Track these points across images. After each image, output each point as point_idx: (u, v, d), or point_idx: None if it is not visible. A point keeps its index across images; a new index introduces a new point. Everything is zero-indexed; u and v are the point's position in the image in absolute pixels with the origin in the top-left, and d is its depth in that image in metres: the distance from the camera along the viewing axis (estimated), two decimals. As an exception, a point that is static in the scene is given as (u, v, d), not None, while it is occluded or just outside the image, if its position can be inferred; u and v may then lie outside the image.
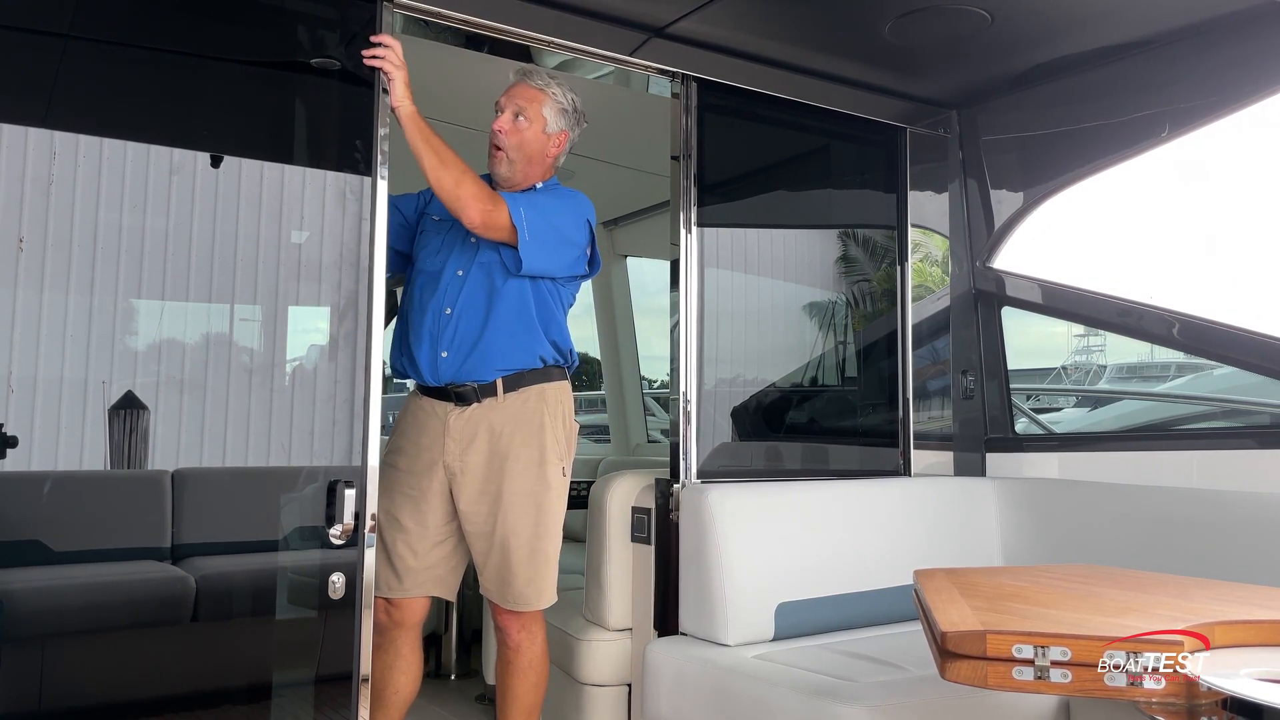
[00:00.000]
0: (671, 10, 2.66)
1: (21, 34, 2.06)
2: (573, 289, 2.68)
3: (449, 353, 2.51)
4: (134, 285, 2.11)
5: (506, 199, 2.46)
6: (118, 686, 2.14)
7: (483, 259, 2.53)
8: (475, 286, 2.53)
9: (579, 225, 2.59)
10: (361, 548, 2.23)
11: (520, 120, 2.56)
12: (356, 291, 2.29)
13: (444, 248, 2.59)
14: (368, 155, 2.32)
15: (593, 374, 7.04)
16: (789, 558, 2.71)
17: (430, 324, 2.53)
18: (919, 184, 3.42)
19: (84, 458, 2.09)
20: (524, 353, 2.54)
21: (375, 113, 2.33)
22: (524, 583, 2.49)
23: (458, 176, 2.38)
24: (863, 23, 2.75)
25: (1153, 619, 1.52)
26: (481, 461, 2.49)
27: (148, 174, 2.13)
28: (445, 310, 2.52)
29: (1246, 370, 2.80)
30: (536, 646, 2.56)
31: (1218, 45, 2.71)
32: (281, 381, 2.28)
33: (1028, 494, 3.06)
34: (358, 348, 2.28)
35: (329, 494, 2.20)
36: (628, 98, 3.57)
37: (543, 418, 2.54)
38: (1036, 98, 3.16)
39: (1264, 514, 2.47)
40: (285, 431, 2.28)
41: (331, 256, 2.31)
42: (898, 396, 3.35)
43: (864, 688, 2.17)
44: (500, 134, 2.55)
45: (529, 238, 2.45)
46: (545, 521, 2.52)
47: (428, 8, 2.55)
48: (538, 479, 2.51)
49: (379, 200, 2.30)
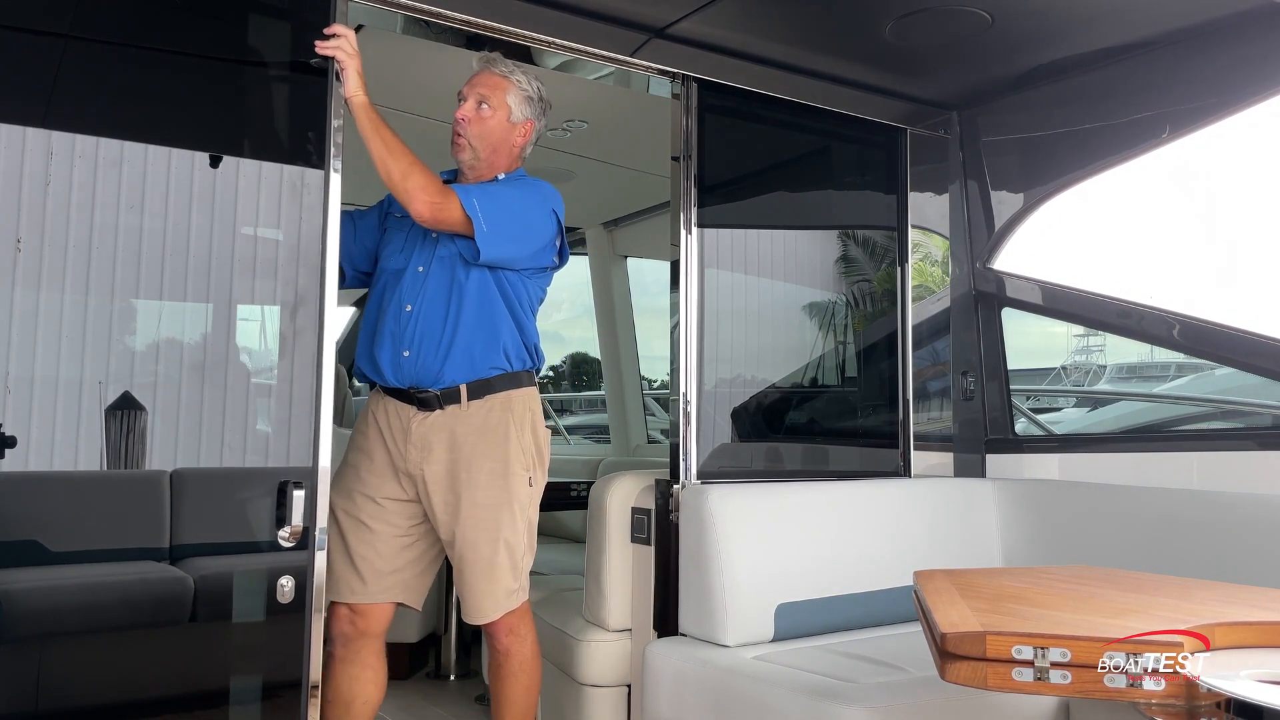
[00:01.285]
0: (672, 11, 2.66)
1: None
2: (541, 282, 2.61)
3: (411, 351, 2.44)
4: (81, 282, 2.05)
5: (458, 191, 2.41)
6: (70, 692, 2.07)
7: (442, 253, 2.48)
8: (437, 282, 2.47)
9: (543, 215, 2.53)
10: (312, 551, 2.17)
11: (484, 108, 2.51)
12: (309, 287, 2.23)
13: (406, 245, 2.54)
14: (321, 147, 2.26)
15: (593, 374, 7.04)
16: (789, 558, 2.71)
17: (391, 322, 2.48)
18: (919, 185, 3.42)
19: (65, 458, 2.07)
20: (490, 351, 2.47)
21: (329, 104, 2.27)
22: (480, 595, 2.45)
23: (405, 168, 2.33)
24: (863, 24, 2.75)
25: (1153, 620, 1.52)
26: (441, 471, 2.44)
27: (95, 169, 2.07)
28: (406, 307, 2.46)
29: (1247, 371, 2.80)
30: (526, 648, 2.54)
31: (1218, 46, 2.71)
32: (230, 380, 2.20)
33: (1027, 495, 3.06)
34: (310, 345, 2.22)
35: (279, 495, 2.15)
36: (628, 98, 3.57)
37: (508, 427, 2.47)
38: (1037, 99, 3.16)
39: (1264, 515, 2.47)
40: (237, 431, 2.21)
41: (284, 252, 2.25)
42: (898, 397, 3.35)
43: (864, 689, 2.17)
44: (463, 122, 2.51)
45: (487, 228, 2.39)
46: (507, 534, 2.45)
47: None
48: (501, 490, 2.44)
49: (332, 193, 2.25)
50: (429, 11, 2.56)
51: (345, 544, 2.49)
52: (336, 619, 2.52)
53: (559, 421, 7.41)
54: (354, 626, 2.50)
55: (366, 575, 2.47)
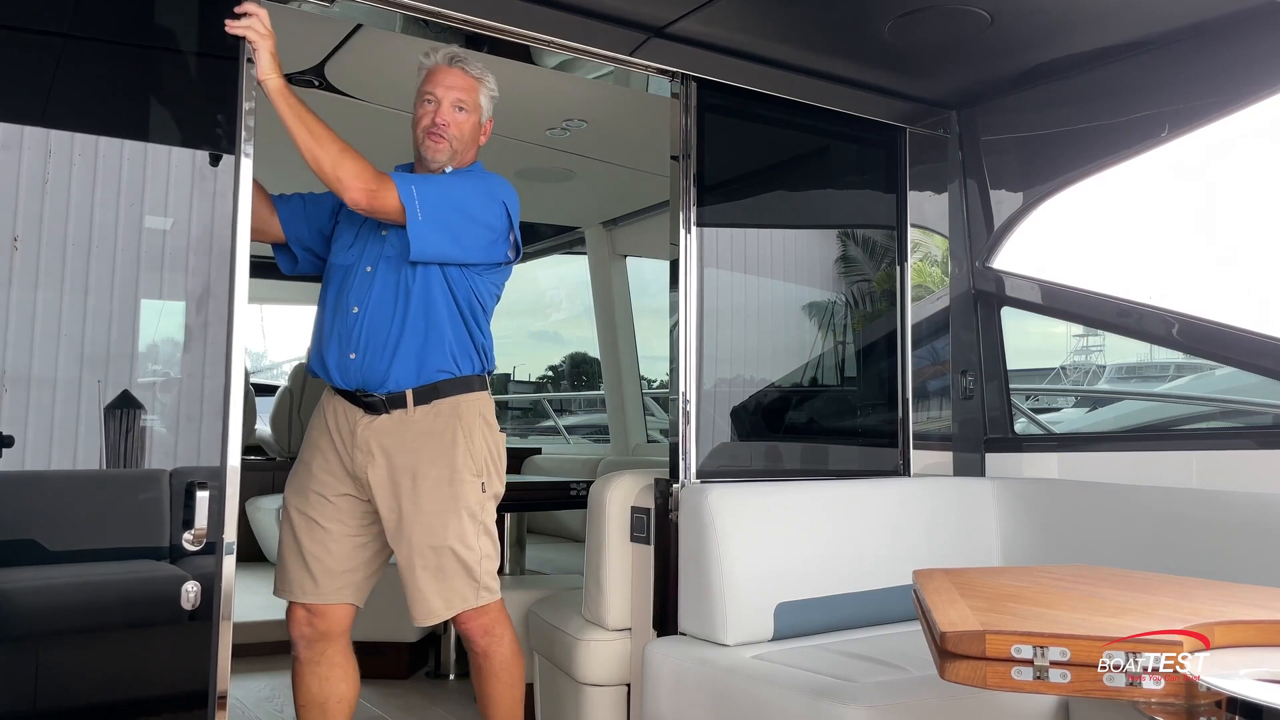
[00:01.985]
0: (671, 10, 2.66)
1: None
2: (495, 279, 2.55)
3: (357, 354, 2.40)
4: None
5: (395, 178, 2.34)
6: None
7: (390, 253, 2.42)
8: (384, 283, 2.42)
9: (490, 206, 2.46)
10: (219, 555, 2.08)
11: (461, 112, 2.49)
12: (218, 278, 2.13)
13: (357, 242, 2.48)
14: (231, 132, 2.15)
15: (592, 374, 7.04)
16: (788, 558, 2.71)
17: (339, 323, 2.44)
18: (919, 184, 3.42)
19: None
20: (438, 354, 2.43)
21: (240, 86, 2.17)
22: (430, 594, 2.42)
23: (335, 156, 2.25)
24: (863, 23, 2.75)
25: (1152, 619, 1.52)
26: (384, 475, 2.40)
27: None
28: (353, 309, 2.42)
29: (1247, 371, 2.80)
30: (505, 647, 2.52)
31: (1217, 45, 2.71)
32: (135, 377, 2.09)
33: (1027, 494, 3.06)
34: (219, 339, 2.12)
35: (186, 497, 2.05)
36: (627, 97, 3.57)
37: (455, 433, 2.42)
38: (1036, 98, 3.16)
39: (1264, 514, 2.47)
40: (139, 431, 2.10)
41: (190, 241, 2.13)
42: (897, 396, 3.36)
43: (863, 688, 2.17)
44: (444, 126, 2.46)
45: (422, 217, 2.32)
46: (456, 540, 2.42)
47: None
48: (448, 498, 2.41)
49: (243, 180, 2.15)
50: (428, 11, 2.56)
51: (298, 543, 2.47)
52: (295, 621, 2.51)
53: (559, 421, 7.41)
54: (313, 628, 2.48)
55: (318, 575, 2.45)
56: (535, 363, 8.48)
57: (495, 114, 3.95)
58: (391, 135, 2.56)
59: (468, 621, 2.50)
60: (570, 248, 6.20)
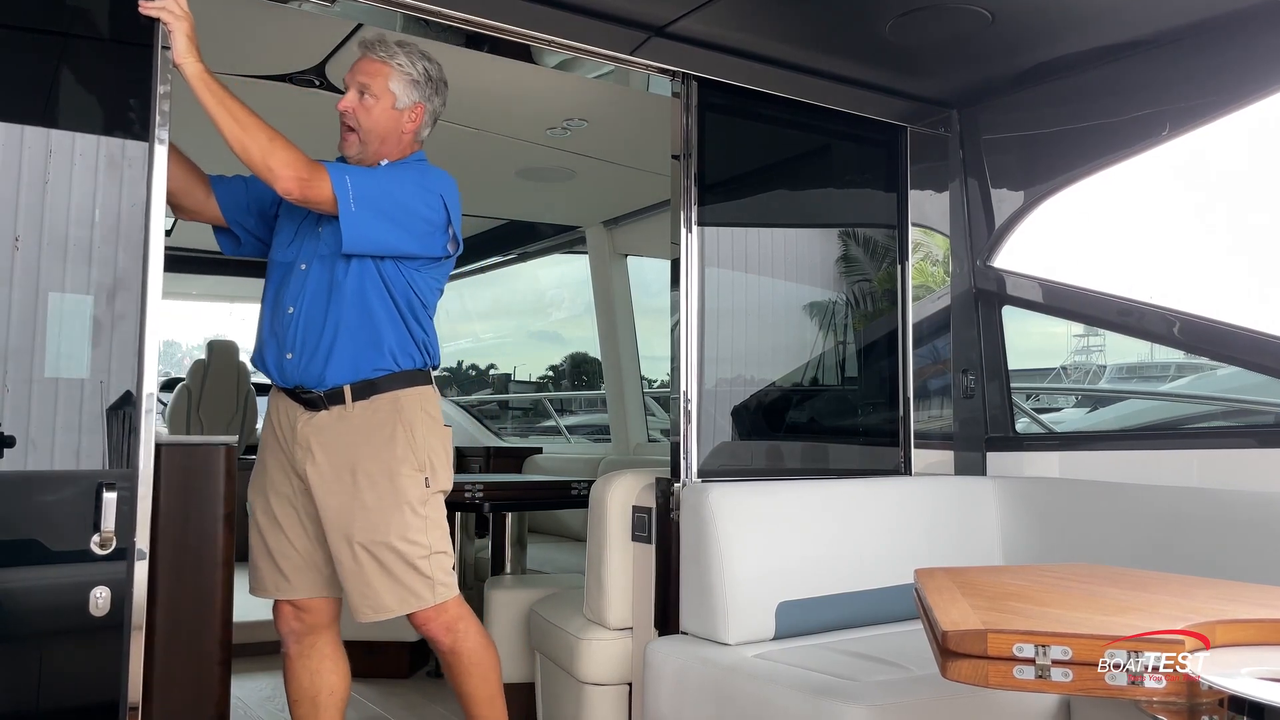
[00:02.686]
0: (672, 9, 2.66)
1: None
2: (435, 274, 2.48)
3: (293, 354, 2.37)
4: None
5: (329, 167, 2.27)
6: None
7: (323, 251, 2.37)
8: (316, 283, 2.36)
9: (427, 199, 2.38)
10: (131, 560, 2.00)
11: (366, 98, 2.39)
12: (130, 270, 2.05)
13: (296, 238, 2.43)
14: (144, 117, 2.07)
15: (593, 373, 7.04)
16: (790, 557, 2.71)
17: (277, 323, 2.40)
18: (919, 183, 3.42)
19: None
20: (375, 352, 2.37)
21: (154, 70, 2.08)
22: (380, 591, 2.36)
23: (265, 145, 2.16)
24: (863, 22, 2.75)
25: (1154, 618, 1.52)
26: (323, 472, 2.36)
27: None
28: (288, 309, 2.37)
29: (1249, 370, 2.79)
30: (471, 640, 2.47)
31: (1218, 45, 2.70)
32: (41, 373, 2.00)
33: (1028, 493, 3.06)
34: (129, 334, 2.04)
35: (96, 499, 1.97)
36: (628, 97, 3.57)
37: (395, 428, 2.37)
38: (1037, 97, 3.15)
39: (1265, 513, 2.47)
40: (45, 430, 2.01)
41: (100, 231, 2.05)
42: (898, 396, 3.35)
43: (865, 687, 2.17)
44: (347, 114, 2.39)
45: (355, 208, 2.25)
46: (398, 536, 2.36)
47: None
48: (389, 493, 2.35)
49: (156, 167, 2.07)
50: (429, 10, 2.56)
51: (264, 541, 2.47)
52: (282, 617, 2.52)
53: (560, 421, 7.41)
54: (301, 622, 2.48)
55: (289, 572, 2.45)
56: (536, 362, 8.48)
57: (496, 114, 3.96)
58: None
59: (428, 622, 2.43)
60: (570, 247, 6.21)
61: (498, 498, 3.97)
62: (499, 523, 4.15)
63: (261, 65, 3.40)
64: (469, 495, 3.88)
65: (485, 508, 3.93)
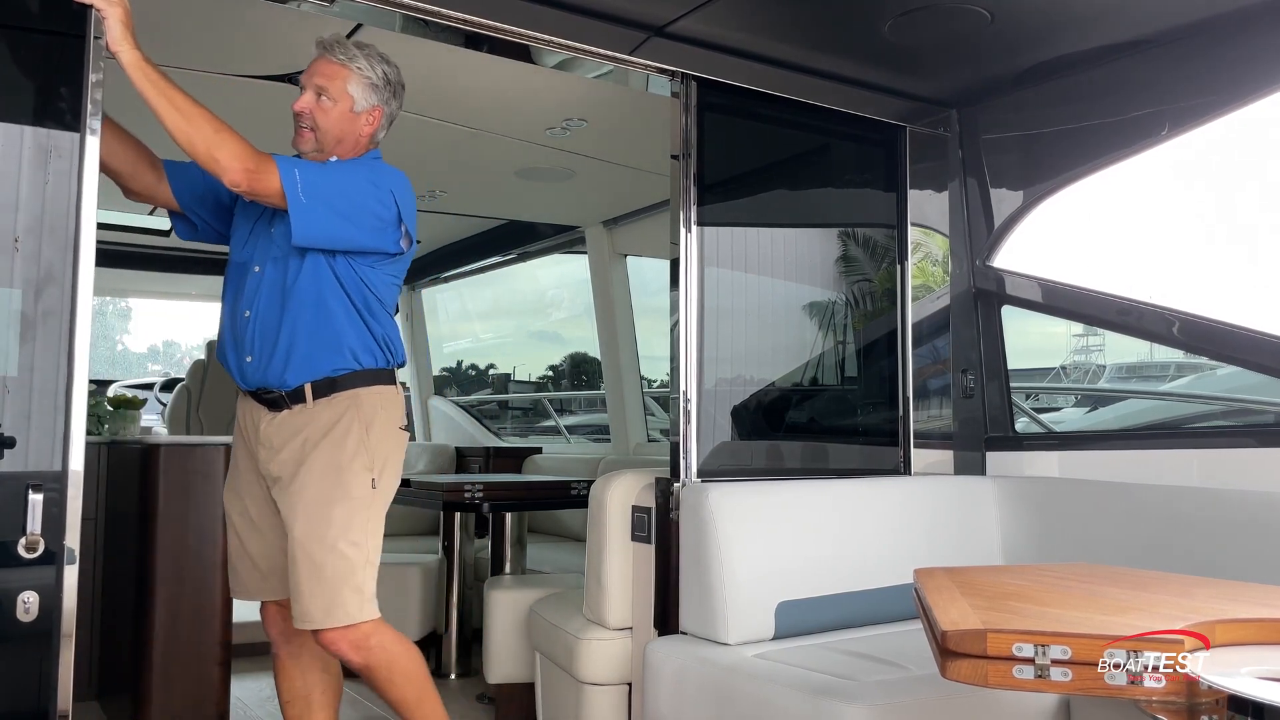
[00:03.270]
0: (671, 9, 2.66)
1: None
2: (390, 270, 2.43)
3: (253, 358, 2.34)
4: None
5: (278, 160, 2.21)
6: None
7: (276, 253, 2.33)
8: (270, 285, 2.33)
9: (379, 194, 2.34)
10: (60, 565, 1.93)
11: (324, 100, 2.35)
12: (58, 264, 1.98)
13: (250, 237, 2.39)
14: (76, 106, 2.00)
15: (593, 374, 7.04)
16: (789, 557, 2.71)
17: (235, 327, 2.37)
18: (919, 183, 3.42)
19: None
20: (333, 352, 2.34)
21: (86, 58, 2.01)
22: (307, 596, 2.27)
23: (211, 136, 2.10)
24: (862, 21, 2.75)
25: (1153, 618, 1.52)
26: (280, 469, 2.34)
27: None
28: (245, 313, 2.35)
29: (1249, 369, 2.79)
30: (387, 653, 2.36)
31: (1218, 44, 2.70)
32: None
33: (1028, 493, 3.06)
34: (57, 331, 1.97)
35: (24, 500, 1.91)
36: (627, 97, 3.57)
37: (351, 423, 2.33)
38: (1036, 96, 3.15)
39: (1265, 513, 2.47)
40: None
41: (26, 223, 1.97)
42: (898, 395, 3.35)
43: (864, 687, 2.17)
44: (302, 115, 2.35)
45: (306, 200, 2.20)
46: (338, 535, 2.28)
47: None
48: (334, 486, 2.29)
49: (88, 158, 2.00)
50: (428, 10, 2.56)
51: (243, 544, 2.45)
52: (270, 619, 2.50)
53: (559, 421, 7.41)
54: (289, 622, 2.41)
55: (269, 572, 2.43)
56: (535, 362, 8.48)
57: (495, 114, 3.97)
58: (391, 134, 2.57)
59: (336, 641, 2.31)
60: (570, 247, 6.21)
61: (497, 498, 3.97)
62: (499, 523, 4.15)
63: (261, 65, 3.40)
64: (469, 495, 3.88)
65: (485, 508, 3.93)
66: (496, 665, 3.40)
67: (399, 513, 5.34)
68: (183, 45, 3.22)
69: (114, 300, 13.81)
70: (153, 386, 7.39)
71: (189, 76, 3.40)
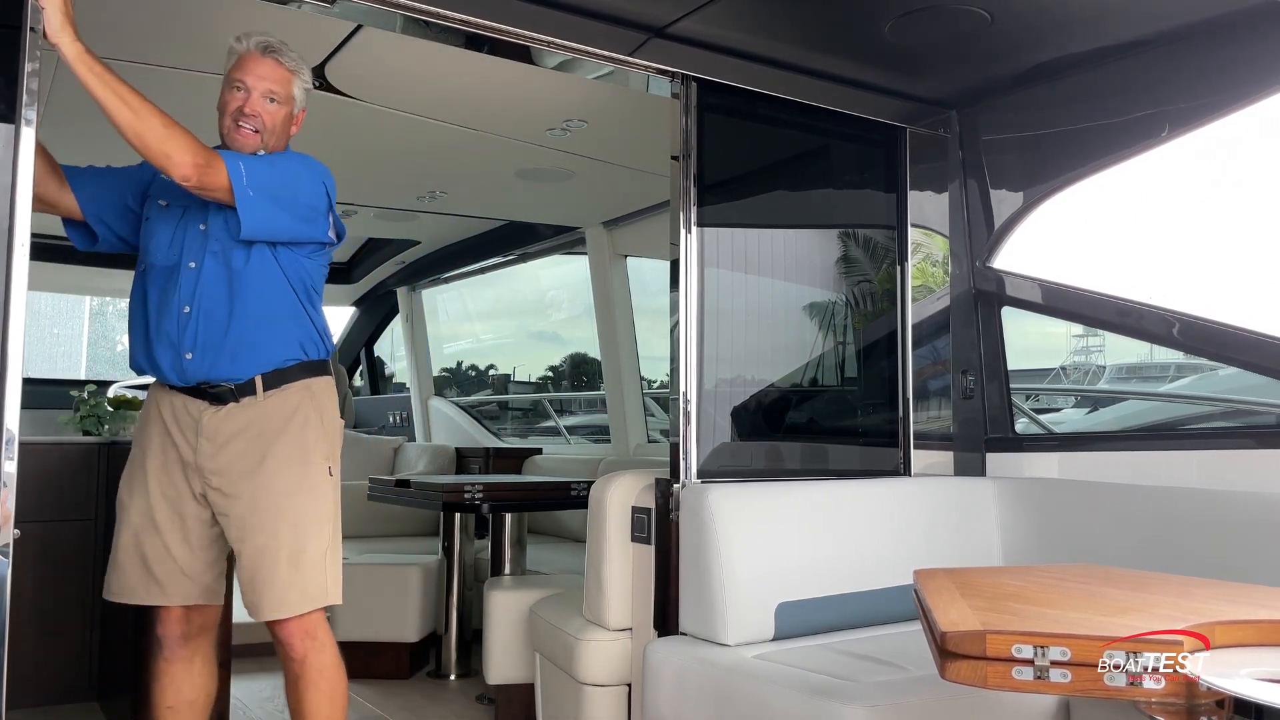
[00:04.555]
0: (671, 10, 2.66)
1: None
2: (321, 261, 2.48)
3: (194, 354, 2.31)
4: None
5: (224, 155, 2.23)
6: None
7: (215, 247, 2.33)
8: (213, 279, 2.31)
9: (314, 186, 2.39)
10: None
11: (273, 103, 2.39)
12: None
13: (175, 240, 2.36)
14: (10, 96, 1.96)
15: (593, 374, 7.04)
16: (789, 557, 2.71)
17: (170, 325, 2.32)
18: (919, 184, 3.42)
19: None
20: (282, 343, 2.36)
21: (21, 47, 1.97)
22: (283, 587, 2.29)
23: (162, 131, 2.09)
24: (863, 22, 2.75)
25: (1153, 619, 1.52)
26: (231, 462, 2.32)
27: None
28: (184, 309, 2.31)
29: (1250, 371, 2.79)
30: (326, 655, 2.36)
31: (1218, 45, 2.70)
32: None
33: (1028, 494, 3.06)
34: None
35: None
36: (627, 97, 3.57)
37: (309, 413, 2.37)
38: (1037, 98, 3.15)
39: (1264, 514, 2.47)
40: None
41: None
42: (898, 396, 3.35)
43: (864, 688, 2.17)
44: (254, 117, 2.36)
45: (252, 194, 2.21)
46: (307, 523, 2.32)
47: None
48: (300, 478, 2.33)
49: (23, 150, 1.96)
50: (428, 11, 2.56)
51: (137, 543, 2.37)
52: (169, 621, 2.43)
53: (559, 422, 7.40)
54: (189, 624, 2.42)
55: (163, 577, 2.37)
56: (535, 363, 8.48)
57: (496, 114, 3.97)
58: (392, 135, 2.56)
59: (289, 624, 2.32)
60: (570, 248, 6.21)
61: (497, 498, 3.97)
62: (498, 523, 4.15)
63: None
64: (469, 496, 3.88)
65: (485, 508, 3.93)
66: (496, 666, 3.40)
67: (399, 513, 5.39)
68: (182, 46, 3.23)
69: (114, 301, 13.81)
70: (153, 387, 7.37)
71: (181, 75, 3.41)
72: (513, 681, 3.39)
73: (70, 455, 3.87)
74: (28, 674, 3.63)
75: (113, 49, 3.18)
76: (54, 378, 8.60)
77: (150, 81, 3.42)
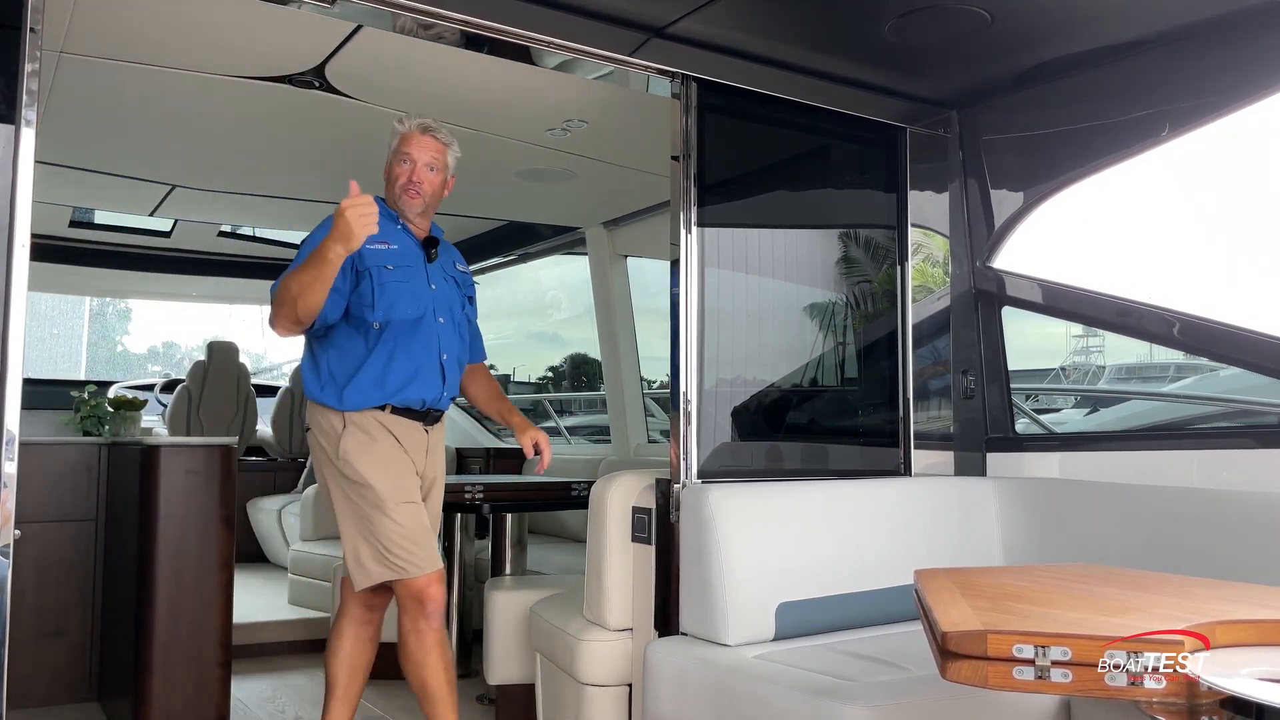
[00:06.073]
0: (671, 10, 2.66)
1: None
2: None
3: (447, 391, 2.86)
4: None
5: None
6: None
7: (450, 306, 2.87)
8: (457, 332, 2.89)
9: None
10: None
11: (434, 172, 2.81)
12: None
13: (419, 297, 2.78)
14: (11, 96, 1.98)
15: (593, 374, 7.04)
16: (789, 557, 2.71)
17: (430, 367, 2.80)
18: (919, 184, 3.42)
19: None
20: None
21: (21, 47, 2.00)
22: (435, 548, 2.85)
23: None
24: (863, 22, 2.75)
25: (1153, 618, 1.52)
26: (435, 468, 2.90)
27: None
28: (443, 355, 2.83)
29: (1251, 371, 2.79)
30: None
31: (1218, 44, 2.71)
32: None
33: (1028, 494, 3.06)
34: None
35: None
36: (627, 98, 3.57)
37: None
38: (1036, 97, 3.15)
39: (1265, 514, 2.47)
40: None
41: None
42: (898, 396, 3.35)
43: (865, 688, 2.17)
44: (420, 184, 2.79)
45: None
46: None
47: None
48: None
49: (23, 150, 1.97)
50: (428, 11, 2.56)
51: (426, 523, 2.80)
52: (375, 591, 2.82)
53: (560, 422, 7.41)
54: (382, 597, 2.88)
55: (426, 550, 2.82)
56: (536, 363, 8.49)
57: (496, 115, 3.99)
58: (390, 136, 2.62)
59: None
60: (570, 248, 6.21)
61: (498, 499, 3.97)
62: (499, 524, 4.14)
63: (261, 66, 3.40)
64: (469, 496, 3.88)
65: (485, 508, 3.93)
66: (497, 666, 3.40)
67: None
68: (181, 46, 3.23)
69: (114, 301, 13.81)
70: (153, 388, 7.39)
71: (188, 77, 3.41)
72: (513, 682, 3.39)
73: (70, 455, 3.88)
74: (28, 674, 3.63)
75: (113, 49, 3.19)
76: (54, 378, 8.65)
77: (150, 81, 3.44)
